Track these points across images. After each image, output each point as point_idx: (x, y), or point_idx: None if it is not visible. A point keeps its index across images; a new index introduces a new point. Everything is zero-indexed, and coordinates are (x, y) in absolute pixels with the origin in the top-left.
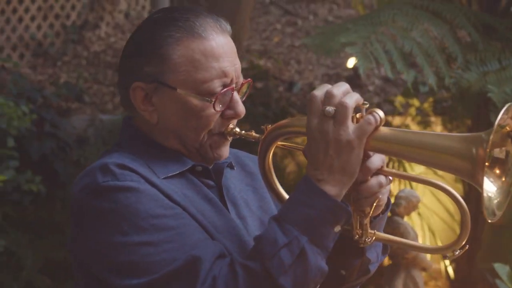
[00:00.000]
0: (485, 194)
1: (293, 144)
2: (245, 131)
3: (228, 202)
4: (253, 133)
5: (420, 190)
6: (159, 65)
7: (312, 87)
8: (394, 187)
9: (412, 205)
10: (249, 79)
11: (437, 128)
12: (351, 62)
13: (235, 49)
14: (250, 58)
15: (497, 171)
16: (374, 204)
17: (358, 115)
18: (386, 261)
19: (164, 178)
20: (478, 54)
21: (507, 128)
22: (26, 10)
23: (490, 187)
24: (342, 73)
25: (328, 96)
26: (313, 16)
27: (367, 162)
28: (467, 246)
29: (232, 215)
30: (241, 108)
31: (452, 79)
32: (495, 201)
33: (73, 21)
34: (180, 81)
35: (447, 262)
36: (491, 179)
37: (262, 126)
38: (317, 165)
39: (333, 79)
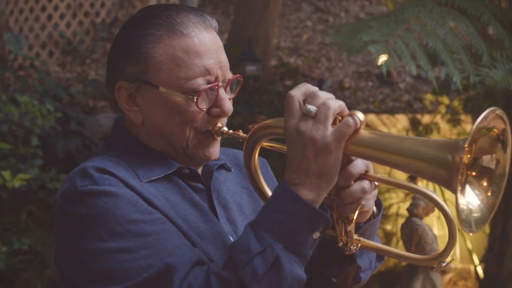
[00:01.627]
0: (465, 207)
1: (279, 145)
2: (233, 130)
3: (217, 206)
4: (241, 133)
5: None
6: (141, 64)
7: (341, 85)
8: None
9: (430, 206)
10: (238, 75)
11: (467, 126)
12: (381, 60)
13: (221, 45)
14: (280, 55)
15: (484, 183)
16: (357, 210)
17: (339, 117)
18: (395, 264)
19: (147, 182)
20: (504, 51)
21: (495, 130)
22: (56, 8)
23: (473, 199)
24: (372, 71)
25: (313, 95)
26: (344, 13)
27: (349, 167)
28: (454, 258)
29: (221, 220)
30: (228, 106)
31: (477, 77)
32: (475, 215)
33: (103, 18)
34: (162, 79)
35: (476, 261)
36: (476, 191)
37: (250, 126)
38: (294, 168)
39: (363, 77)
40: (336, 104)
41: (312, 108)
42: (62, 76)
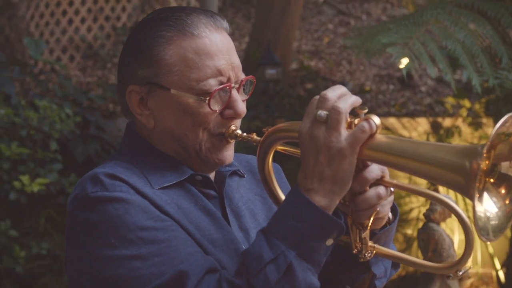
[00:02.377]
0: (482, 214)
1: (293, 149)
2: (247, 133)
3: (229, 214)
4: (254, 136)
5: None
6: (151, 67)
7: (362, 88)
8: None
9: (447, 211)
10: (250, 76)
11: (489, 130)
12: (403, 63)
13: (232, 46)
14: (301, 59)
15: (503, 191)
16: (372, 216)
17: (355, 121)
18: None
19: (159, 189)
20: None
21: None
22: (76, 12)
23: (491, 207)
24: (393, 74)
25: (322, 99)
26: (366, 15)
27: (364, 172)
28: (471, 267)
29: (233, 228)
30: (241, 107)
31: (497, 80)
32: (492, 223)
33: (124, 22)
34: (173, 81)
35: (498, 266)
36: (494, 199)
37: (264, 129)
38: (307, 173)
39: (385, 80)
40: (346, 105)
41: (322, 113)
42: (82, 80)
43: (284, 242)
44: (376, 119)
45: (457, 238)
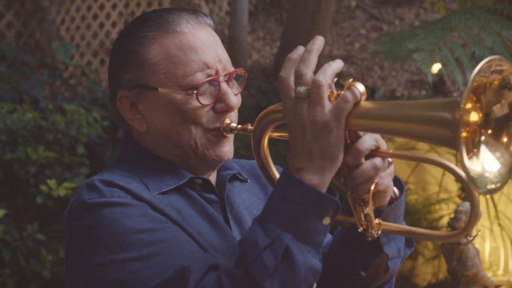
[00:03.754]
0: (478, 168)
1: (286, 134)
2: (242, 125)
3: (230, 219)
4: (249, 126)
5: (502, 202)
6: (137, 69)
7: (394, 94)
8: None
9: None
10: (239, 68)
11: None
12: (435, 68)
13: (218, 40)
14: None
15: (505, 139)
16: (371, 190)
17: (338, 92)
18: (446, 277)
19: (159, 194)
20: None
21: (495, 82)
22: (107, 16)
23: (489, 159)
24: (425, 79)
25: (297, 75)
26: (399, 21)
27: (356, 144)
28: (480, 230)
29: (235, 233)
30: (232, 100)
31: None
32: (491, 176)
33: None
34: (160, 80)
35: None
36: (495, 152)
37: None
38: (295, 153)
39: (417, 86)
40: (326, 77)
41: (302, 89)
42: None
43: (279, 225)
44: (360, 86)
45: (488, 246)
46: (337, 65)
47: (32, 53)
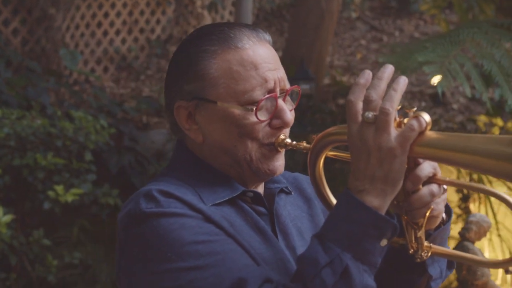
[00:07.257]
0: None
1: (343, 154)
2: (296, 141)
3: (278, 232)
4: (304, 143)
5: (501, 213)
6: (198, 82)
7: None
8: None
9: (483, 230)
10: (295, 85)
11: None
12: (435, 80)
13: (276, 57)
14: (333, 74)
15: None
16: (427, 215)
17: (405, 120)
18: (456, 287)
19: (212, 205)
20: None
21: None
22: (111, 24)
23: None
24: (425, 91)
25: (367, 101)
26: (399, 32)
27: (416, 170)
28: None
29: (281, 245)
30: (288, 116)
31: None
32: None
33: (158, 35)
34: (220, 94)
35: None
36: None
37: (313, 136)
38: (358, 175)
39: (417, 97)
40: (394, 104)
41: (370, 114)
42: (116, 91)
43: (339, 245)
44: (425, 116)
45: (486, 256)
46: (401, 90)
47: (38, 60)
